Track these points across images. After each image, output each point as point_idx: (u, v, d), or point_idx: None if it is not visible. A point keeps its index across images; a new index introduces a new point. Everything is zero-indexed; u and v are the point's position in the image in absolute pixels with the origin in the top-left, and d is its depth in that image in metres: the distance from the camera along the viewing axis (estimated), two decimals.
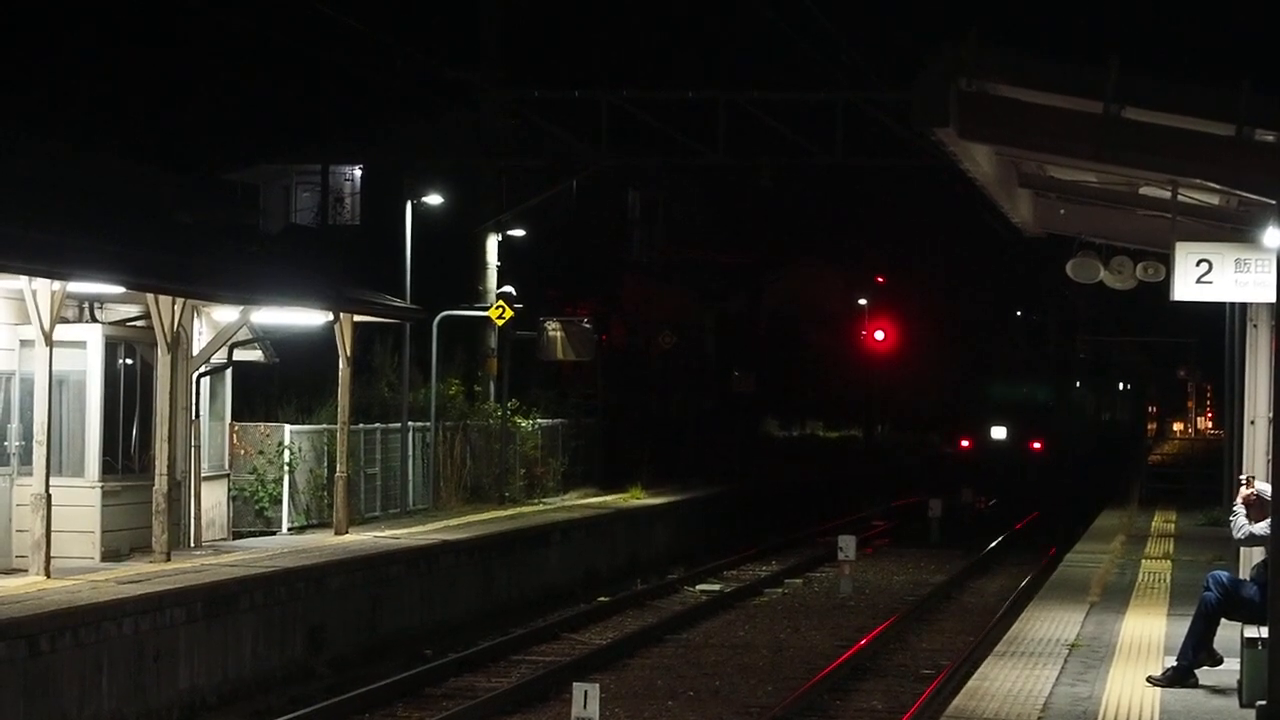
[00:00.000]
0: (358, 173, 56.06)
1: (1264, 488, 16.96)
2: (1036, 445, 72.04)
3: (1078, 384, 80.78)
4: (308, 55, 41.67)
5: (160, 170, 34.22)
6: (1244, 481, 17.73)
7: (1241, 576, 18.06)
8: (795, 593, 35.69)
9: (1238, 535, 17.35)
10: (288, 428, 31.79)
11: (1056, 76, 15.03)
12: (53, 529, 23.12)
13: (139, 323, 26.67)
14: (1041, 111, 15.39)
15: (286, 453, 31.27)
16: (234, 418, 30.39)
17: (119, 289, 24.55)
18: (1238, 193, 17.55)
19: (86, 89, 53.41)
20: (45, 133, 34.36)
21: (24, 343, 24.49)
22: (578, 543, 36.27)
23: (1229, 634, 17.32)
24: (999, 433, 73.66)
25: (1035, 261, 68.82)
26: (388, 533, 30.97)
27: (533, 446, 41.31)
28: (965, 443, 75.20)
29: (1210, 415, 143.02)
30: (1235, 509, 17.46)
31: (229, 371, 29.52)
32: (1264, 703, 15.08)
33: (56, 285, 22.93)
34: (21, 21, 54.30)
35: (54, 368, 23.38)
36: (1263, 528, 16.62)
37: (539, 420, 41.87)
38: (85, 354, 25.41)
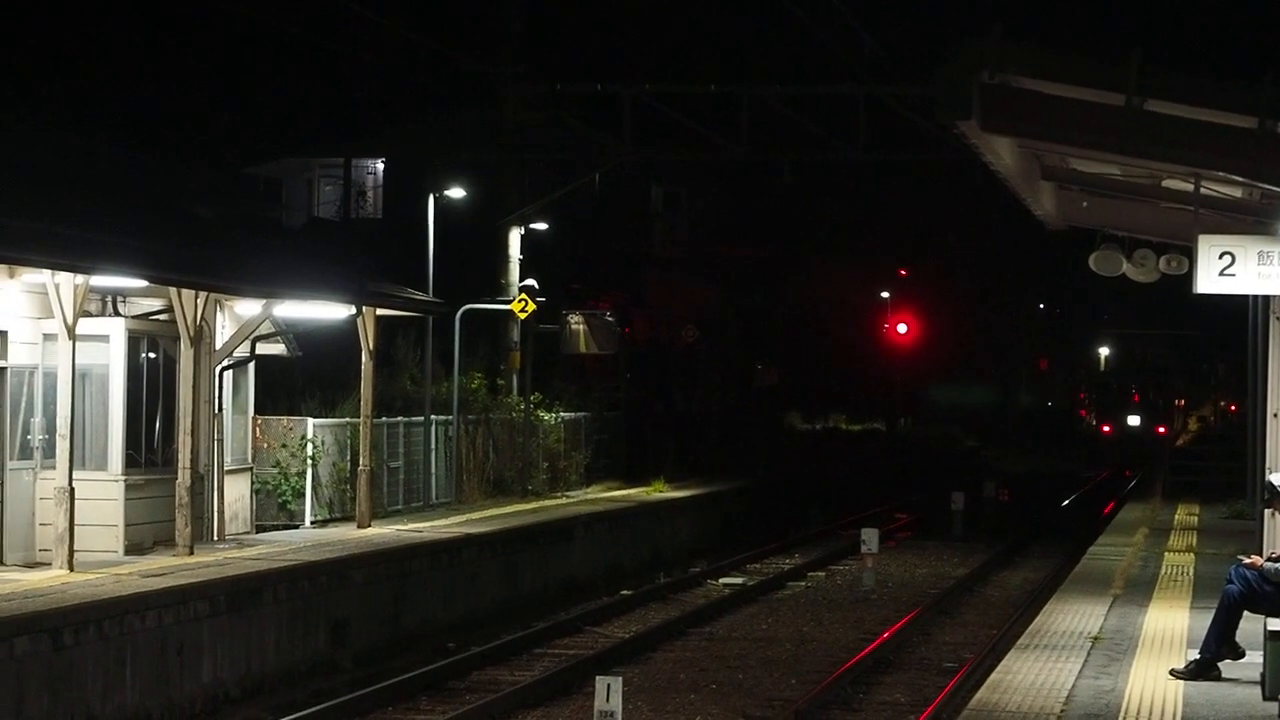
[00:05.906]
0: (380, 166, 56.10)
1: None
2: (1162, 430, 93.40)
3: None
4: (330, 49, 41.67)
5: (182, 164, 34.29)
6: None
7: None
8: (818, 586, 35.67)
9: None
10: (310, 421, 31.82)
11: (1079, 70, 15.02)
12: (76, 522, 23.19)
13: (162, 316, 26.71)
14: (1064, 104, 15.38)
15: (309, 446, 31.31)
16: (256, 411, 30.42)
17: (142, 283, 24.57)
18: (1260, 185, 17.52)
19: (108, 83, 53.49)
20: (67, 127, 34.40)
21: (47, 337, 24.54)
22: (600, 536, 36.27)
23: (1253, 627, 17.29)
24: (1134, 420, 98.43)
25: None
26: (410, 526, 31.00)
27: (555, 440, 41.29)
28: (1106, 428, 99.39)
29: (1234, 408, 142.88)
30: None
31: (251, 365, 29.54)
32: None
33: (79, 279, 22.97)
34: (41, 17, 54.38)
35: (77, 361, 23.44)
36: None
37: (562, 414, 41.85)
38: (108, 348, 25.44)
